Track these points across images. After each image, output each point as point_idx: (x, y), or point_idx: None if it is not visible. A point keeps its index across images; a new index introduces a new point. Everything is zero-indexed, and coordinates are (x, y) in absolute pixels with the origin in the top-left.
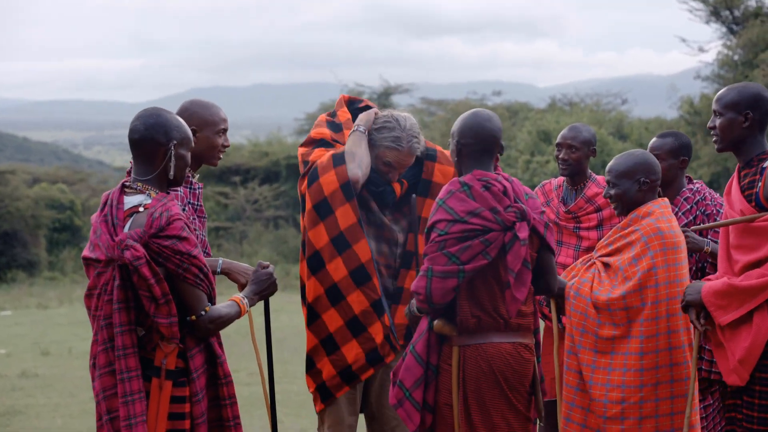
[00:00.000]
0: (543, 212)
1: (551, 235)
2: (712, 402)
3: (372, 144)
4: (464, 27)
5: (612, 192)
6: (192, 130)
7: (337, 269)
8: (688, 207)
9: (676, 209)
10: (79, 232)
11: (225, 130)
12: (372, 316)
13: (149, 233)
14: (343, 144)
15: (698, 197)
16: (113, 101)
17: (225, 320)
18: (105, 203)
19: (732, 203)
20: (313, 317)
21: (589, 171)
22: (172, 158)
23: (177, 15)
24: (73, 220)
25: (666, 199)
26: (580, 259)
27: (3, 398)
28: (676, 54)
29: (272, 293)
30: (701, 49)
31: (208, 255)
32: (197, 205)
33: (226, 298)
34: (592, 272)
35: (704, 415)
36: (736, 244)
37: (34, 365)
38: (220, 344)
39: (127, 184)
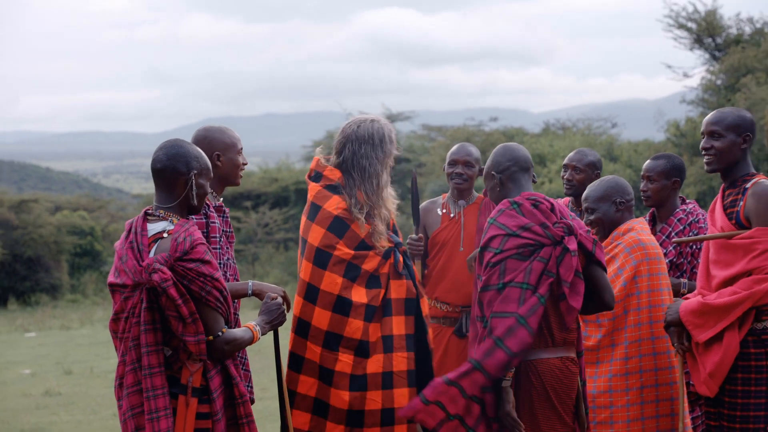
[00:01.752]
0: (589, 231)
1: (600, 251)
2: (700, 414)
3: (385, 159)
4: (462, 57)
5: (591, 218)
6: (216, 155)
7: None
8: (681, 228)
9: (669, 229)
10: (100, 257)
11: (241, 149)
12: None
13: (174, 257)
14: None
15: (691, 218)
16: (130, 132)
17: (239, 344)
18: (129, 231)
19: (714, 220)
20: None
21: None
22: (193, 187)
23: (190, 49)
24: (93, 245)
25: (643, 219)
26: None
27: (28, 416)
28: (663, 79)
29: (282, 323)
30: (686, 75)
31: (236, 280)
32: (229, 232)
33: (250, 317)
34: None
35: (693, 426)
36: (715, 260)
37: (58, 384)
38: (236, 366)
39: (150, 212)
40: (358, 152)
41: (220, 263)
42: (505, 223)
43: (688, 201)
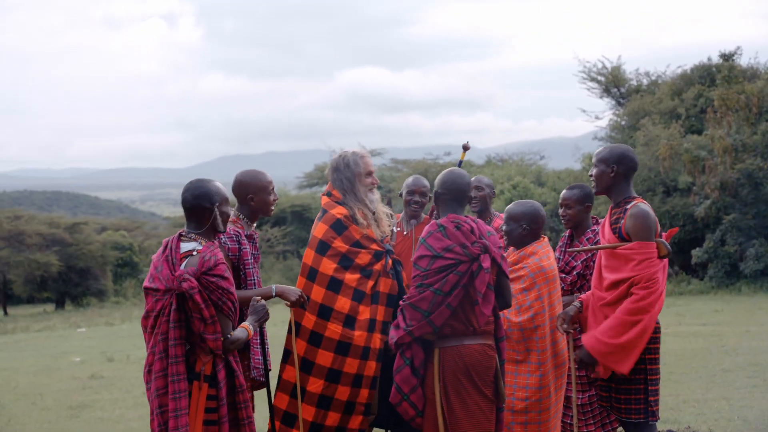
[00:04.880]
0: (501, 247)
1: (506, 264)
2: (594, 393)
3: (352, 177)
4: (422, 105)
5: (504, 228)
6: (249, 197)
7: None
8: (590, 246)
9: (581, 246)
10: (137, 267)
11: (273, 189)
12: None
13: (201, 271)
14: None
15: (598, 238)
16: (160, 168)
17: (240, 342)
18: (166, 246)
19: (604, 234)
20: None
21: (493, 209)
22: (218, 216)
23: (207, 101)
24: (132, 258)
25: (546, 240)
26: None
27: (76, 395)
28: (580, 121)
29: (266, 320)
30: (597, 117)
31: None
32: (256, 254)
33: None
34: None
35: (588, 402)
36: (605, 265)
37: (101, 369)
38: (237, 362)
39: (183, 234)
40: (334, 178)
41: (252, 280)
42: (432, 245)
43: (600, 221)
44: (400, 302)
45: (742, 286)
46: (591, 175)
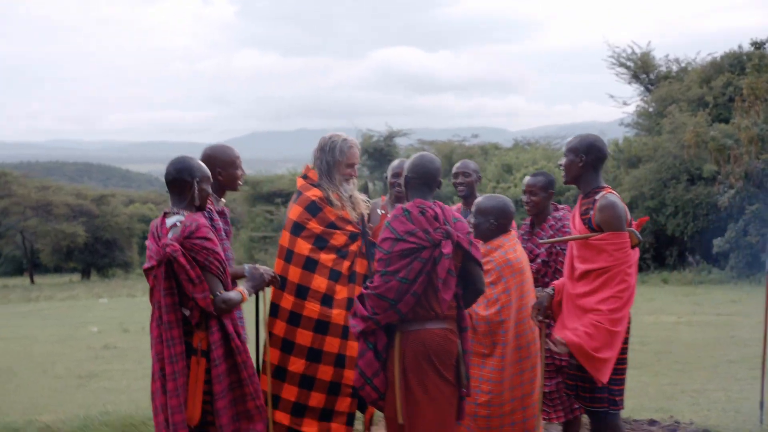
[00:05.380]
0: (470, 232)
1: (476, 249)
2: (561, 380)
3: (333, 163)
4: (455, 86)
5: (472, 222)
6: (218, 171)
7: None
8: (552, 232)
9: (543, 233)
10: None
11: (240, 163)
12: None
13: (183, 235)
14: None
15: (560, 224)
16: (191, 142)
17: (233, 303)
18: (153, 229)
19: (574, 224)
20: None
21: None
22: (197, 191)
23: (240, 77)
24: None
25: (513, 233)
26: None
27: (88, 365)
28: (612, 107)
29: (263, 287)
30: (625, 103)
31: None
32: (228, 229)
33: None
34: None
35: (555, 389)
36: (577, 255)
37: (116, 340)
38: (235, 324)
39: (167, 211)
40: (317, 157)
41: (226, 256)
42: (396, 228)
43: (560, 207)
44: (363, 290)
45: (762, 277)
46: (560, 165)
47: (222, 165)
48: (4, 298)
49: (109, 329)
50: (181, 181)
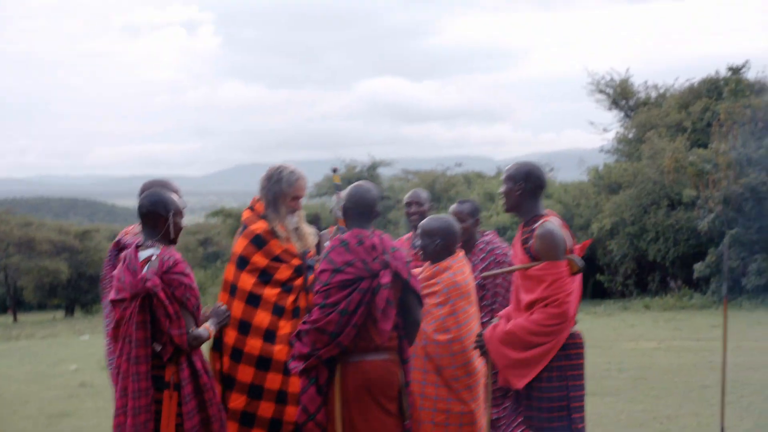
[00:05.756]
0: (409, 262)
1: (415, 281)
2: (508, 405)
3: (279, 194)
4: (442, 115)
5: (417, 243)
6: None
7: None
8: (483, 255)
9: (474, 258)
10: None
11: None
12: None
13: (162, 270)
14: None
15: (489, 247)
16: (178, 175)
17: (201, 340)
18: (123, 259)
19: (516, 253)
20: None
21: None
22: (171, 225)
23: (225, 109)
24: None
25: (462, 253)
26: None
27: (60, 404)
28: (599, 133)
29: (227, 324)
30: (605, 130)
31: None
32: None
33: None
34: None
35: (504, 414)
36: (521, 285)
37: (93, 377)
38: (202, 362)
39: (140, 244)
40: (263, 187)
41: None
42: (334, 259)
43: (486, 233)
44: (302, 326)
45: (743, 301)
46: (500, 193)
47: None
48: None
49: (88, 367)
50: (155, 214)
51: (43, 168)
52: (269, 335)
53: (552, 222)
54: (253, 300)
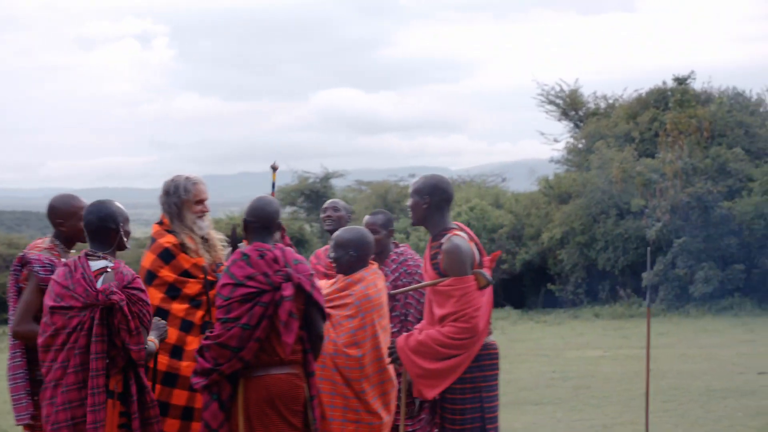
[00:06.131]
0: (312, 274)
1: (318, 293)
2: (424, 416)
3: (180, 204)
4: (398, 126)
5: (331, 255)
6: (59, 222)
7: None
8: (394, 267)
9: (386, 269)
10: None
11: (83, 214)
12: None
13: (123, 284)
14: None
15: (401, 258)
16: (134, 188)
17: (151, 354)
18: (73, 268)
19: (426, 269)
20: None
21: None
22: (123, 236)
23: (181, 121)
24: None
25: (375, 265)
26: None
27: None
28: (553, 143)
29: (165, 338)
30: (555, 140)
31: None
32: None
33: None
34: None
35: (418, 427)
36: (433, 299)
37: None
38: (144, 378)
39: (90, 254)
40: (163, 202)
41: None
42: (234, 273)
43: (400, 245)
44: (204, 341)
45: (690, 308)
46: (408, 206)
47: (64, 216)
48: None
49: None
50: (105, 229)
51: None
52: (176, 351)
53: (458, 236)
54: (161, 315)
